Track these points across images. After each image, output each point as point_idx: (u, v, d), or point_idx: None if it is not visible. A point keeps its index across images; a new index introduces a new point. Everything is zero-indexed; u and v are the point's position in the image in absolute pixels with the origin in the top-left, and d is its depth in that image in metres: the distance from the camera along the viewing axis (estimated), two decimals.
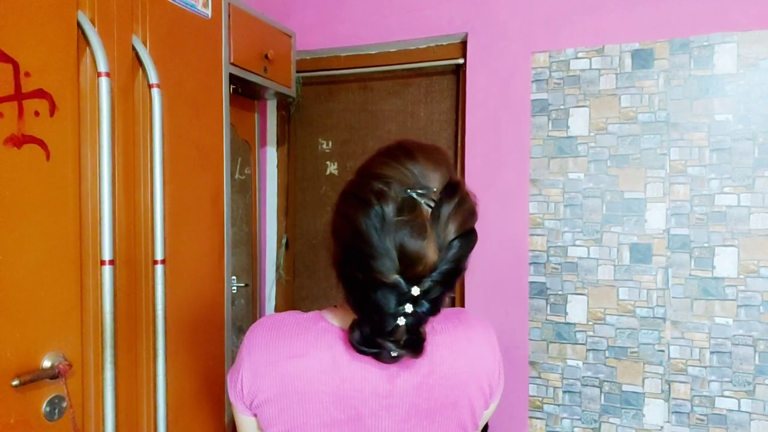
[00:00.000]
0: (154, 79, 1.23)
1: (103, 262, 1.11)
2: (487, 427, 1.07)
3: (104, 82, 1.10)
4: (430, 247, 0.65)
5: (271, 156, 2.18)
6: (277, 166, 2.19)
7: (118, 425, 1.14)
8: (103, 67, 1.10)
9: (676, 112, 1.57)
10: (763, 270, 1.48)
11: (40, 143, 1.00)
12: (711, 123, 1.53)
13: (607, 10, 1.63)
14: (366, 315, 0.68)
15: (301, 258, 2.19)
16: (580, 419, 1.66)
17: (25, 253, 0.98)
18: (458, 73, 1.89)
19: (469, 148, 1.79)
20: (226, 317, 1.52)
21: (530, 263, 1.72)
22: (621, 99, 1.62)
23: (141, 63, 1.23)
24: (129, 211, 1.21)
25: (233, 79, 1.59)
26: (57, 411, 1.03)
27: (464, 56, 1.84)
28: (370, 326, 0.67)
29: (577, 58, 1.66)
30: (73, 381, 1.07)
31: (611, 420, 1.63)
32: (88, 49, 1.10)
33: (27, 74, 0.98)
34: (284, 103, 2.16)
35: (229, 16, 1.54)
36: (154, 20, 1.27)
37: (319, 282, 2.16)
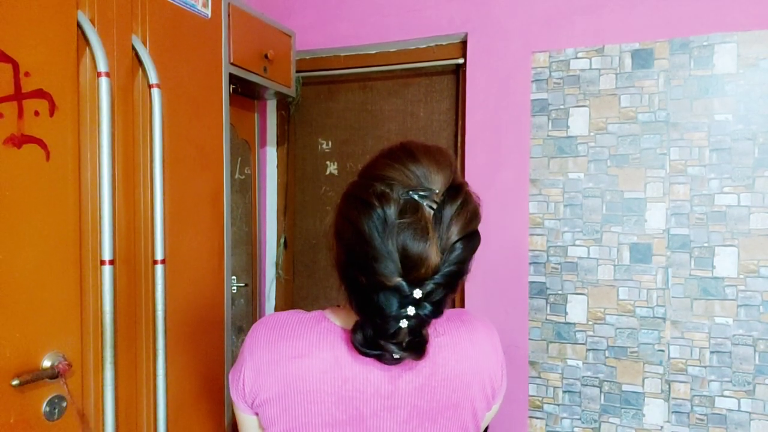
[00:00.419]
0: (153, 79, 1.23)
1: (103, 262, 1.11)
2: (487, 427, 1.07)
3: (104, 82, 1.10)
4: (432, 250, 0.65)
5: (270, 156, 2.18)
6: (277, 166, 2.19)
7: (118, 425, 1.14)
8: (102, 67, 1.10)
9: (676, 112, 1.57)
10: (763, 270, 1.49)
11: (40, 143, 1.00)
12: (711, 123, 1.53)
13: (607, 10, 1.63)
14: (368, 317, 0.68)
15: (300, 258, 2.19)
16: (580, 419, 1.66)
17: (25, 253, 0.98)
18: (458, 73, 1.89)
19: (469, 148, 1.79)
20: (226, 317, 1.52)
21: (530, 263, 1.72)
22: (621, 99, 1.62)
23: (141, 63, 1.23)
24: (129, 211, 1.21)
25: (233, 78, 1.59)
26: (57, 411, 1.03)
27: (464, 56, 1.84)
28: (373, 328, 0.67)
29: (577, 58, 1.66)
30: (73, 381, 1.07)
31: (611, 420, 1.63)
32: (88, 49, 1.10)
33: (27, 74, 0.98)
34: (284, 103, 2.15)
35: (229, 15, 1.54)
36: (154, 20, 1.27)
37: (318, 282, 2.16)
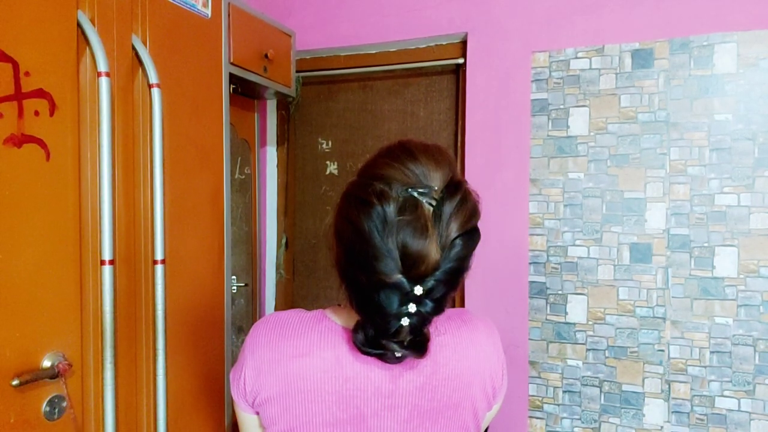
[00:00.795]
0: (153, 78, 1.23)
1: (103, 262, 1.11)
2: (487, 427, 1.06)
3: (104, 81, 1.10)
4: (432, 247, 0.65)
5: (270, 155, 2.18)
6: (277, 166, 2.19)
7: (118, 425, 1.14)
8: (102, 67, 1.10)
9: (676, 112, 1.57)
10: (763, 270, 1.49)
11: (40, 143, 1.00)
12: (711, 123, 1.53)
13: (607, 10, 1.63)
14: (369, 316, 0.68)
15: (300, 257, 2.19)
16: (580, 419, 1.66)
17: (25, 253, 0.98)
18: (458, 72, 1.89)
19: (469, 148, 1.79)
20: (226, 317, 1.52)
21: (530, 263, 1.72)
22: (621, 99, 1.62)
23: (141, 63, 1.23)
24: (129, 210, 1.21)
25: (233, 78, 1.59)
26: (57, 411, 1.03)
27: (464, 56, 1.84)
28: (374, 328, 0.67)
29: (577, 57, 1.66)
30: (73, 381, 1.07)
31: (611, 420, 1.63)
32: (88, 49, 1.10)
33: (27, 74, 0.98)
34: (284, 103, 2.15)
35: (229, 15, 1.54)
36: (154, 20, 1.27)
37: (318, 281, 2.16)
